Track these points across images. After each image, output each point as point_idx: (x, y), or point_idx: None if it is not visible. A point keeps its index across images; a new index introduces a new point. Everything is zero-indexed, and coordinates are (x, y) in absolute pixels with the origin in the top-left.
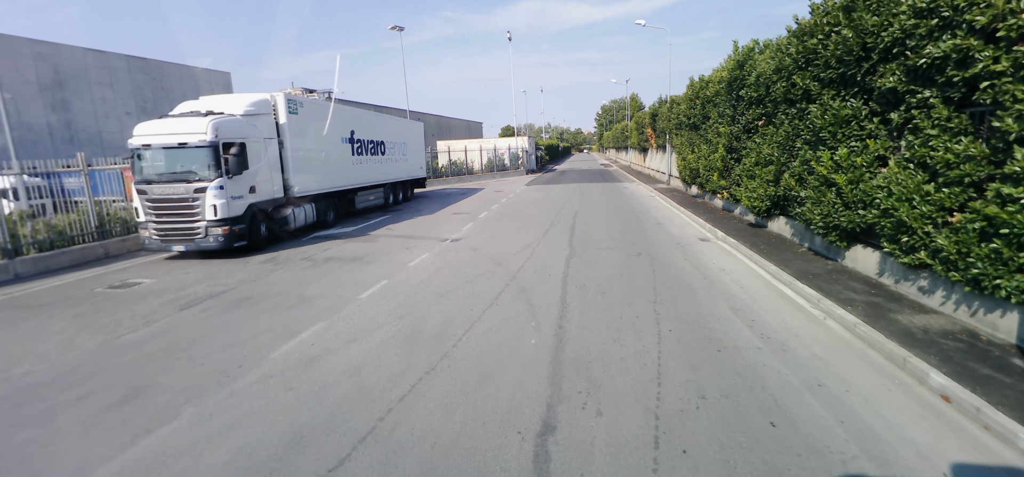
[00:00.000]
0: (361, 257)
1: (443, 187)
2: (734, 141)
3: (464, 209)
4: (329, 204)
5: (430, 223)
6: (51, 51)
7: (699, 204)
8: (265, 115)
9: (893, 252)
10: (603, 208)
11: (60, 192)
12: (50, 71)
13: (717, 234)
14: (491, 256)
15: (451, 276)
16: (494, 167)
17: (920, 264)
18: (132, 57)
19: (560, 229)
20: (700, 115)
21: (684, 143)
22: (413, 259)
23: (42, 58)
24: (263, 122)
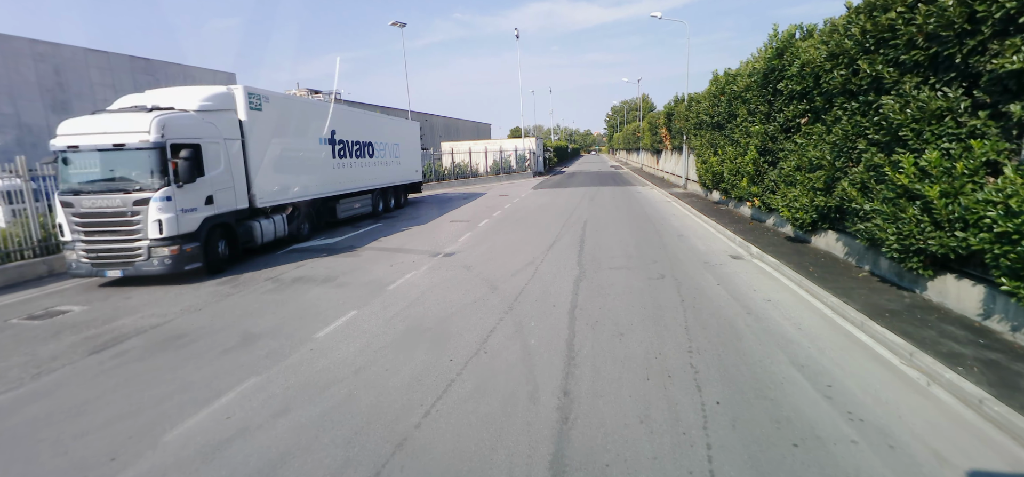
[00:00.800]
0: (335, 277)
1: (445, 191)
2: (768, 142)
3: (463, 216)
4: (304, 214)
5: (423, 233)
6: (52, 51)
7: (723, 212)
8: (226, 111)
9: (1016, 291)
10: (616, 216)
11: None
12: (51, 72)
13: (751, 250)
14: (486, 277)
15: (435, 305)
16: (500, 169)
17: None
18: (135, 58)
19: (568, 241)
20: (725, 113)
21: (704, 144)
22: (395, 280)
23: (43, 58)
24: (223, 120)
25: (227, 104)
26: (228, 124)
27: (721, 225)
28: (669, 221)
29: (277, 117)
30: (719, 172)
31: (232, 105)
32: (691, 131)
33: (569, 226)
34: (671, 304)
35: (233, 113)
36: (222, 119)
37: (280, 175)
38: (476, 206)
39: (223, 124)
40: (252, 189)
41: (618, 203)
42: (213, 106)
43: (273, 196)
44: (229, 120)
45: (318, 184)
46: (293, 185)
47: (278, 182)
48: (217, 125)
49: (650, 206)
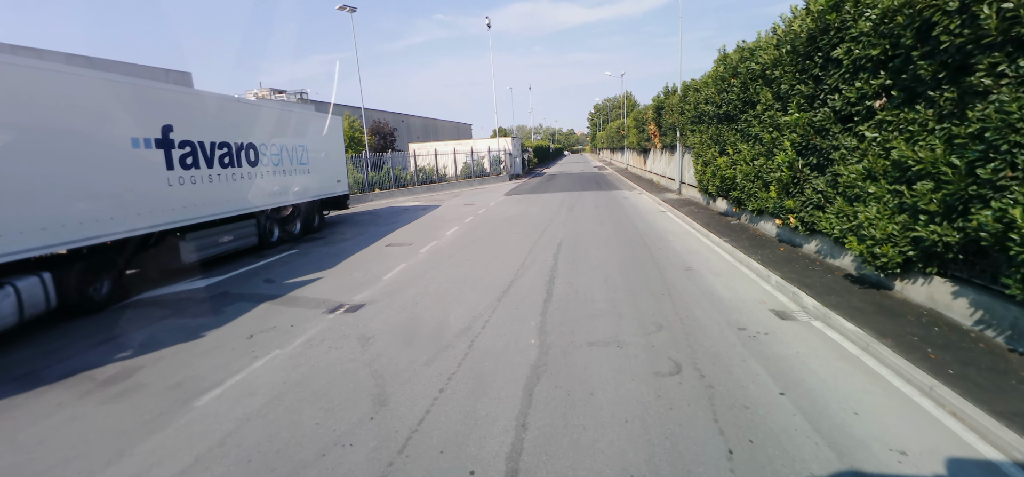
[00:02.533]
0: (132, 373)
1: (403, 201)
2: (814, 136)
3: (407, 237)
4: (96, 266)
5: (337, 269)
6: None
7: (736, 229)
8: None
9: None
10: (599, 233)
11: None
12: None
13: (804, 302)
14: (384, 364)
15: (267, 444)
16: (471, 173)
17: None
18: (74, 55)
19: (531, 281)
20: (738, 101)
21: (705, 142)
22: (223, 380)
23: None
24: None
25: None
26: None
27: (741, 251)
28: (668, 243)
29: (10, 99)
30: (728, 176)
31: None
32: (687, 126)
33: (538, 251)
34: (711, 454)
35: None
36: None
37: (29, 203)
38: (430, 221)
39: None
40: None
41: (602, 215)
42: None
43: (12, 239)
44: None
45: (130, 211)
46: (64, 218)
47: (22, 213)
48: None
49: (641, 219)
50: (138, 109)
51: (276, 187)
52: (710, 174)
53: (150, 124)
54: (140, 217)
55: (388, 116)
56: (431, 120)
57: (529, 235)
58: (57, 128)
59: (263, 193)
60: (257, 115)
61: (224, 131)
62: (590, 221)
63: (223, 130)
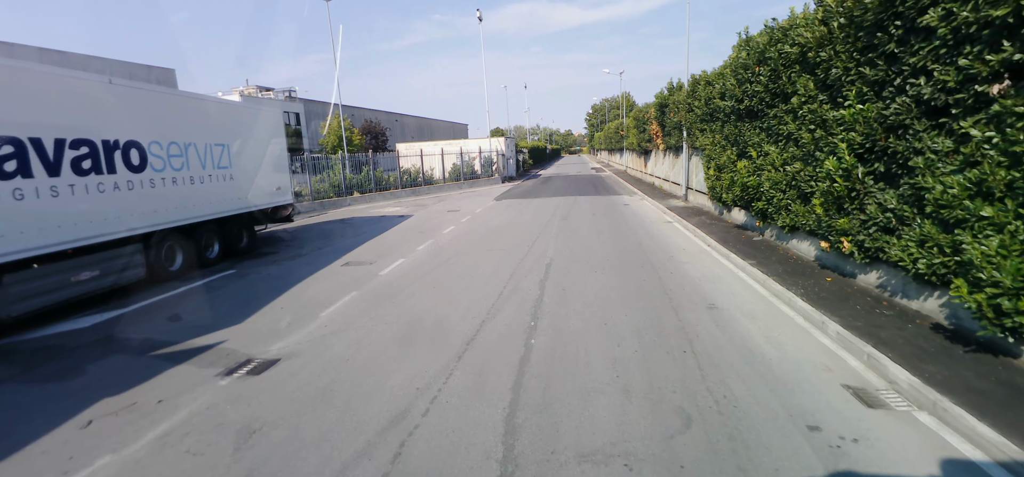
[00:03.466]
0: None
1: (380, 208)
2: (883, 135)
3: (370, 255)
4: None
5: (273, 304)
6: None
7: (760, 247)
8: None
9: None
10: (597, 252)
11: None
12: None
13: (894, 373)
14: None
15: None
16: (461, 175)
17: None
18: (46, 50)
19: (507, 325)
20: (764, 93)
21: (718, 143)
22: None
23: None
24: None
25: None
26: None
27: (775, 280)
28: (680, 265)
29: None
30: (751, 184)
31: None
32: (695, 125)
33: (521, 276)
34: None
35: None
36: None
37: None
38: (405, 232)
39: None
40: None
41: (599, 225)
42: None
43: None
44: None
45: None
46: None
47: None
48: None
49: (644, 231)
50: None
51: (178, 199)
52: (727, 181)
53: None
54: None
55: (381, 115)
56: (426, 120)
57: (514, 252)
58: None
59: (156, 207)
60: (142, 105)
61: (82, 123)
62: (586, 233)
63: (80, 121)
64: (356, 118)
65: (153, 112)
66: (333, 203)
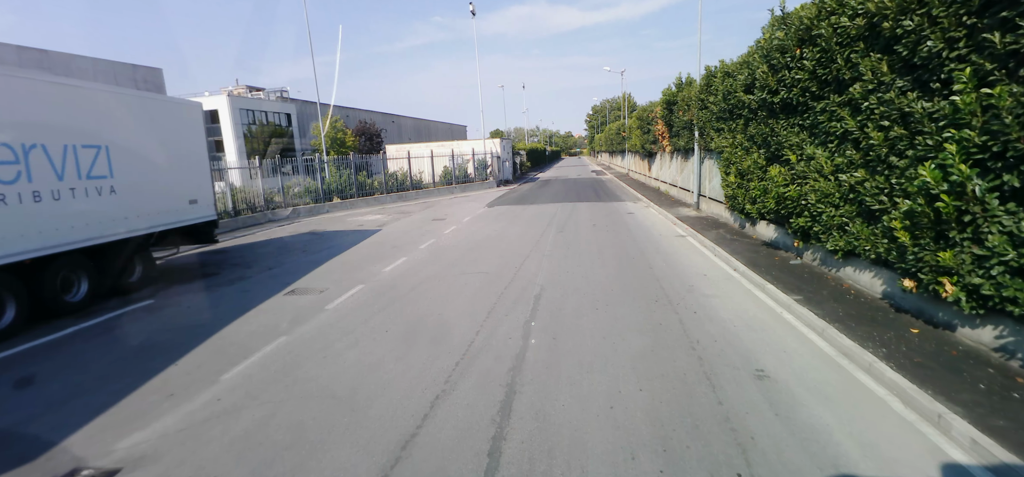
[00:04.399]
0: None
1: (355, 217)
2: (1021, 133)
3: (323, 280)
4: None
5: (167, 366)
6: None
7: (802, 274)
8: None
9: None
10: (598, 280)
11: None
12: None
13: None
14: None
15: None
16: (453, 178)
17: None
18: (26, 48)
19: (469, 412)
20: (809, 80)
21: (740, 145)
22: None
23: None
24: None
25: None
26: None
27: (844, 333)
28: (707, 301)
29: None
30: (788, 197)
31: None
32: (710, 124)
33: (500, 319)
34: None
35: None
36: None
37: None
38: (375, 248)
39: None
40: None
41: (601, 240)
42: None
43: None
44: None
45: None
46: None
47: None
48: None
49: (654, 248)
50: None
51: (22, 222)
52: (758, 190)
53: None
54: None
55: (376, 116)
56: (424, 121)
57: (496, 278)
58: None
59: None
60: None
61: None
62: (585, 250)
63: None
64: (350, 119)
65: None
66: (310, 211)
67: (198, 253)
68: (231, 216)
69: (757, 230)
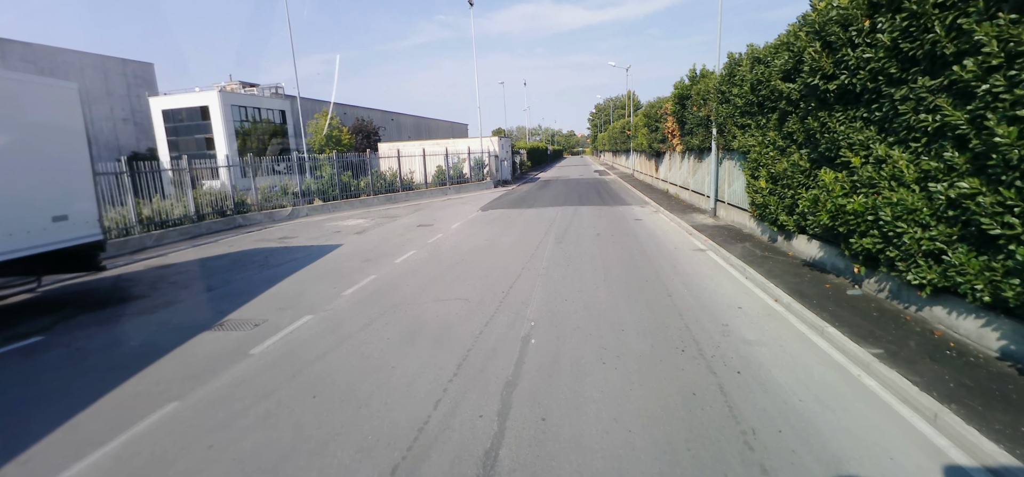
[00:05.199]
0: None
1: (334, 223)
2: None
3: (265, 309)
4: None
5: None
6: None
7: (870, 311)
8: None
9: None
10: (604, 314)
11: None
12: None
13: None
14: None
15: None
16: (446, 179)
17: None
18: (8, 41)
19: None
20: (886, 59)
21: (773, 144)
22: None
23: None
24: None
25: None
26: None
27: (983, 431)
28: (755, 359)
29: None
30: (854, 209)
31: None
32: (732, 120)
33: (471, 382)
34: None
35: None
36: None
37: None
38: (342, 261)
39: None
40: None
41: (606, 255)
42: None
43: None
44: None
45: None
46: None
47: None
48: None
49: (672, 268)
50: None
51: None
52: (806, 200)
53: None
54: None
55: (375, 114)
56: (424, 119)
57: (477, 308)
58: None
59: None
60: None
61: None
62: (587, 270)
63: None
64: (348, 117)
65: None
66: (289, 214)
67: (133, 270)
68: (193, 222)
69: (793, 246)
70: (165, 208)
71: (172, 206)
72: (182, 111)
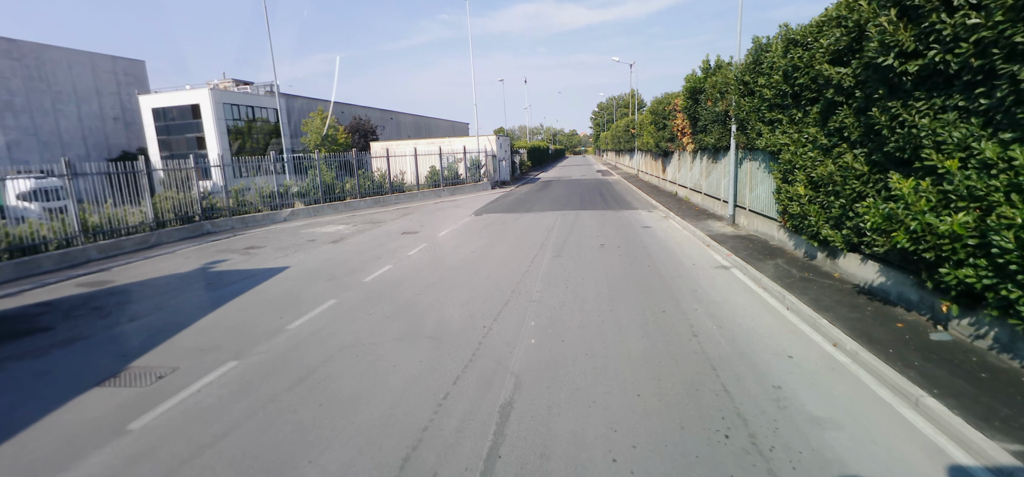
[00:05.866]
0: None
1: (310, 229)
2: None
3: (184, 349)
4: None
5: None
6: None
7: (985, 374)
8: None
9: None
10: (610, 363)
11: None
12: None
13: None
14: None
15: None
16: (440, 180)
17: None
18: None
19: None
20: (1005, 25)
21: (813, 142)
22: None
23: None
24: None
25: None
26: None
27: None
28: (825, 447)
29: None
30: (953, 230)
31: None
32: (757, 115)
33: None
34: None
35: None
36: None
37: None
38: (303, 280)
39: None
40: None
41: (612, 272)
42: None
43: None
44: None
45: None
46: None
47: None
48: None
49: (692, 292)
50: None
51: None
52: (877, 215)
53: None
54: None
55: (373, 113)
56: (424, 118)
57: (449, 354)
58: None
59: None
60: None
61: None
62: (590, 297)
63: None
64: (346, 116)
65: None
66: (260, 220)
67: (56, 292)
68: (151, 229)
69: (840, 266)
70: (116, 216)
71: (126, 213)
72: (173, 110)
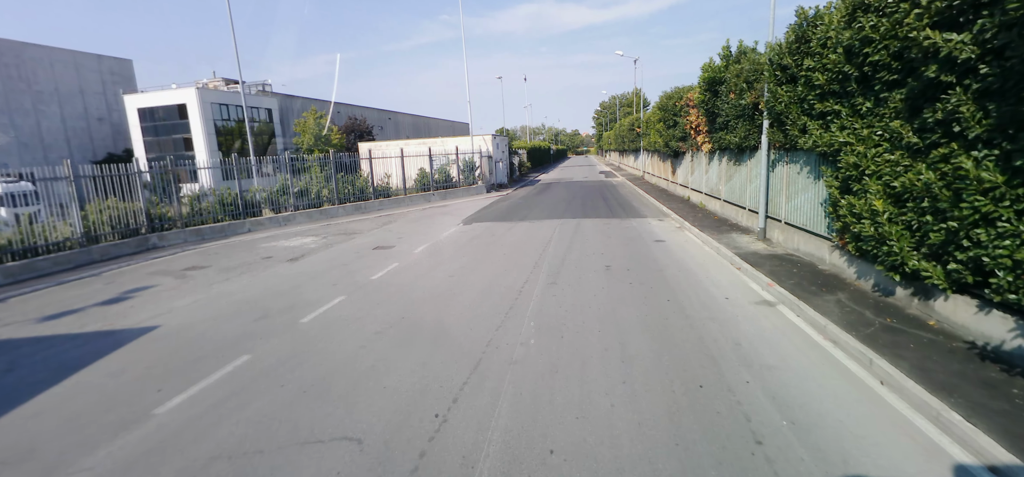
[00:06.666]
0: None
1: (272, 243)
2: None
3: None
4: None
5: None
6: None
7: None
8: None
9: None
10: None
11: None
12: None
13: None
14: None
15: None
16: (430, 184)
17: None
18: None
19: None
20: None
21: (898, 143)
22: None
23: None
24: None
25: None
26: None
27: None
28: None
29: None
30: None
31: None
32: (803, 106)
33: None
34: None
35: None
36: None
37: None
38: (196, 333)
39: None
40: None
41: (620, 311)
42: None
43: None
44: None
45: None
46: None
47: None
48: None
49: (733, 344)
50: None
51: None
52: (1006, 250)
53: None
54: None
55: (370, 112)
56: (423, 118)
57: None
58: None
59: None
60: None
61: None
62: (594, 352)
63: None
64: (342, 116)
65: None
66: (220, 231)
67: None
68: (82, 246)
69: (937, 311)
70: (31, 230)
71: (51, 227)
72: (159, 110)
